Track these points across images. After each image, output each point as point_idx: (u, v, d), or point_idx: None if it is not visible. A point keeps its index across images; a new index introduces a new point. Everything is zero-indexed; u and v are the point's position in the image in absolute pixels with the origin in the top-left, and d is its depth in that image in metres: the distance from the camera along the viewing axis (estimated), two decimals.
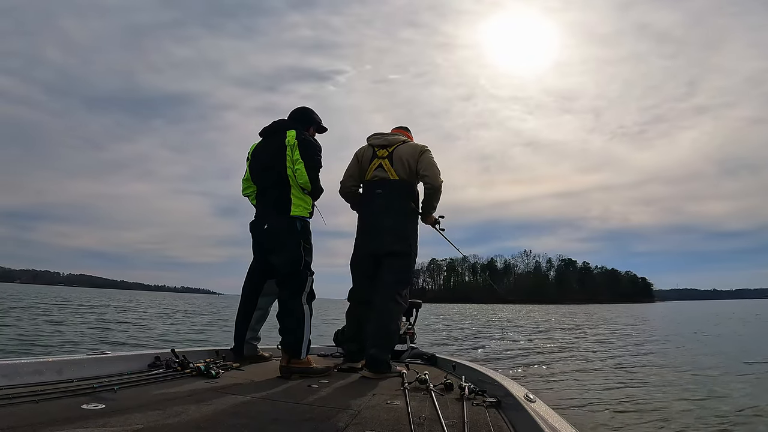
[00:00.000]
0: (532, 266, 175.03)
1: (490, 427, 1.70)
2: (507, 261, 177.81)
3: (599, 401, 5.30)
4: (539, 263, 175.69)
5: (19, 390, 1.82)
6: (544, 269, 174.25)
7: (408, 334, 3.67)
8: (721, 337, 14.36)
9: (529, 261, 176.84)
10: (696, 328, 18.52)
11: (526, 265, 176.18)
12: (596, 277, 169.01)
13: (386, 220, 2.98)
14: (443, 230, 3.31)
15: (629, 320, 26.84)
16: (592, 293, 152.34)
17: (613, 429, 4.25)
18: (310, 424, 1.68)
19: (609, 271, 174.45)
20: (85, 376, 2.19)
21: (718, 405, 4.99)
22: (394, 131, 3.25)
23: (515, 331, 17.74)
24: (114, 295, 66.62)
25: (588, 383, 6.46)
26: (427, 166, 2.99)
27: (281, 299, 2.83)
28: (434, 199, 3.06)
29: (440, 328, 18.49)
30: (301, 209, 2.83)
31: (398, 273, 2.97)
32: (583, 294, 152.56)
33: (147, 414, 1.69)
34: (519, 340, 13.66)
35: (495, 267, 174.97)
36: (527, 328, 19.76)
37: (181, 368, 2.51)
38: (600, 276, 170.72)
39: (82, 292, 76.99)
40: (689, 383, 6.36)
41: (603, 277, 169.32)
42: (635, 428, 4.27)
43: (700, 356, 9.34)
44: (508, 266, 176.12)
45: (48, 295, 41.42)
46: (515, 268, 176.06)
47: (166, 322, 15.87)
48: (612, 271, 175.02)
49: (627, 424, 4.37)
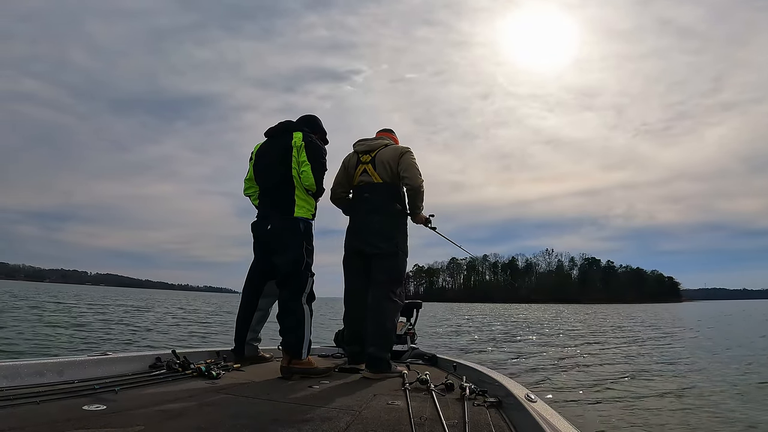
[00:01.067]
0: (554, 265, 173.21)
1: (491, 427, 1.70)
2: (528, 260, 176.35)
3: (605, 402, 5.25)
4: (561, 262, 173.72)
5: (20, 391, 1.82)
6: (566, 268, 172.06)
7: (408, 335, 3.67)
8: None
9: (551, 260, 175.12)
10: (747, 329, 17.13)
11: (548, 264, 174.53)
12: (621, 277, 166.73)
13: (373, 221, 3.03)
14: (435, 228, 3.34)
15: (668, 320, 25.79)
16: (617, 293, 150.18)
17: (615, 429, 4.20)
18: (310, 424, 1.68)
19: (634, 270, 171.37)
20: (86, 377, 2.20)
21: (740, 414, 4.73)
22: (378, 135, 3.30)
23: (553, 333, 15.96)
24: (135, 294, 66.83)
25: (599, 384, 6.37)
26: (407, 167, 3.04)
27: (282, 300, 2.83)
28: (417, 199, 3.11)
29: (470, 329, 17.26)
30: (305, 210, 2.85)
31: (388, 272, 3.00)
32: (607, 294, 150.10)
33: (148, 415, 1.69)
34: (569, 345, 11.80)
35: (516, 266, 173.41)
36: (568, 331, 17.52)
37: (182, 369, 2.51)
38: (625, 275, 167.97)
39: (106, 291, 78.08)
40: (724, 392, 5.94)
41: (628, 277, 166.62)
42: (637, 429, 4.22)
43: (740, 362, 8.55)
44: (530, 265, 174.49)
45: (68, 293, 41.89)
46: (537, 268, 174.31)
47: (168, 322, 15.57)
48: (637, 270, 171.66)
49: (631, 424, 4.32)
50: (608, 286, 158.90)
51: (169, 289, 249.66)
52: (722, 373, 7.24)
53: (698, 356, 9.46)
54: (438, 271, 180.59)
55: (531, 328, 18.70)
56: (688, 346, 11.61)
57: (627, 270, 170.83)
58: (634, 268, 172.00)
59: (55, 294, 36.60)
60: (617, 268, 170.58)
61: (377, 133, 3.34)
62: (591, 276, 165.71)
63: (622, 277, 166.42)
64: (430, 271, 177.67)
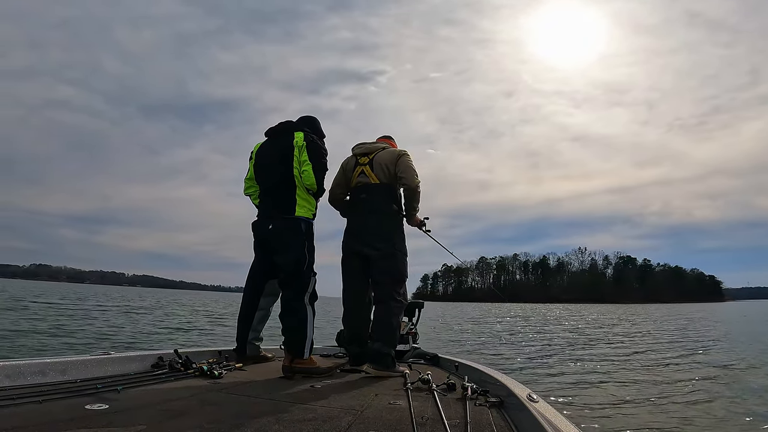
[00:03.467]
0: (587, 264, 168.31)
1: (493, 427, 1.69)
2: (560, 259, 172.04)
3: (607, 402, 5.22)
4: (595, 261, 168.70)
5: (22, 390, 1.84)
6: (600, 267, 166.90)
7: (410, 334, 3.67)
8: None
9: (584, 259, 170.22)
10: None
11: (581, 263, 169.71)
12: (658, 276, 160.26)
13: (370, 221, 3.06)
14: (429, 231, 3.37)
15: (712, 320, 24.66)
16: (654, 292, 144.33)
17: (617, 429, 4.16)
18: (312, 424, 1.68)
19: (672, 268, 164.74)
20: (89, 376, 2.21)
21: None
22: (378, 140, 3.34)
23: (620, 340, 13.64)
24: (165, 294, 67.59)
25: (600, 384, 6.30)
26: (404, 168, 3.07)
27: (284, 299, 2.84)
28: (413, 200, 3.13)
29: (527, 332, 15.92)
30: (306, 210, 2.86)
31: (388, 272, 3.02)
32: (644, 293, 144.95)
33: (150, 414, 1.70)
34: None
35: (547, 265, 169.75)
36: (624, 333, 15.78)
37: (184, 369, 2.52)
38: (662, 274, 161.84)
39: (139, 292, 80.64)
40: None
41: (666, 276, 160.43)
42: (640, 429, 4.20)
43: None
44: (562, 264, 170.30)
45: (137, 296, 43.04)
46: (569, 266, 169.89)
47: (172, 322, 15.51)
48: (676, 268, 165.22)
49: (634, 425, 4.29)
50: (644, 285, 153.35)
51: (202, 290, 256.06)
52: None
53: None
54: (467, 271, 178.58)
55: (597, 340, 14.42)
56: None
57: (665, 269, 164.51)
58: (673, 267, 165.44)
59: (124, 296, 37.47)
60: (654, 267, 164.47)
61: (378, 139, 3.38)
62: (626, 275, 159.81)
63: (659, 276, 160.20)
64: (459, 271, 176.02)
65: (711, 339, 13.27)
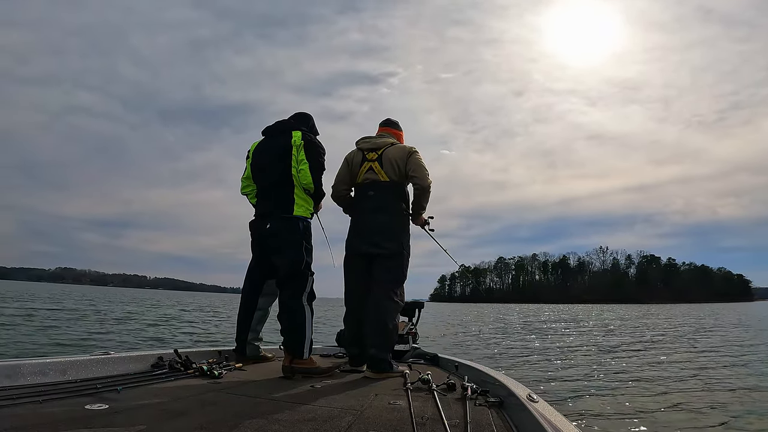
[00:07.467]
0: (609, 264, 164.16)
1: (493, 427, 1.69)
2: (581, 258, 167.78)
3: (607, 402, 5.14)
4: (617, 260, 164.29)
5: (22, 390, 1.84)
6: (622, 267, 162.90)
7: (410, 335, 3.65)
8: None
9: (605, 258, 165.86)
10: None
11: (603, 262, 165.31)
12: (683, 275, 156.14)
13: (378, 220, 3.00)
14: (432, 231, 3.32)
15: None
16: (679, 292, 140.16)
17: (618, 429, 4.12)
18: (312, 424, 1.68)
19: (698, 267, 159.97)
20: (89, 376, 2.22)
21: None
22: (381, 130, 3.25)
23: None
24: (182, 297, 67.05)
25: (602, 385, 6.20)
26: (415, 167, 3.01)
27: (282, 299, 2.83)
28: (423, 199, 3.08)
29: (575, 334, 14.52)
30: (303, 209, 2.85)
31: (391, 272, 2.97)
32: (669, 293, 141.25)
33: (150, 414, 1.70)
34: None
35: (568, 265, 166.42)
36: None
37: (184, 369, 2.53)
38: (688, 273, 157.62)
39: (156, 294, 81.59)
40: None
41: (691, 275, 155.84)
42: (641, 429, 4.14)
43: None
44: (582, 264, 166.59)
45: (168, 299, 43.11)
46: (590, 266, 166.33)
47: (178, 321, 15.49)
48: (702, 267, 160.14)
49: (635, 425, 4.23)
50: (669, 285, 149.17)
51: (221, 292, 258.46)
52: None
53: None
54: (485, 271, 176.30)
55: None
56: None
57: (691, 268, 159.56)
58: (699, 266, 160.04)
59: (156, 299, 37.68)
60: (679, 266, 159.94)
61: (380, 127, 3.28)
62: (650, 274, 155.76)
63: (684, 275, 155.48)
64: (477, 271, 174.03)
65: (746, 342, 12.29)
